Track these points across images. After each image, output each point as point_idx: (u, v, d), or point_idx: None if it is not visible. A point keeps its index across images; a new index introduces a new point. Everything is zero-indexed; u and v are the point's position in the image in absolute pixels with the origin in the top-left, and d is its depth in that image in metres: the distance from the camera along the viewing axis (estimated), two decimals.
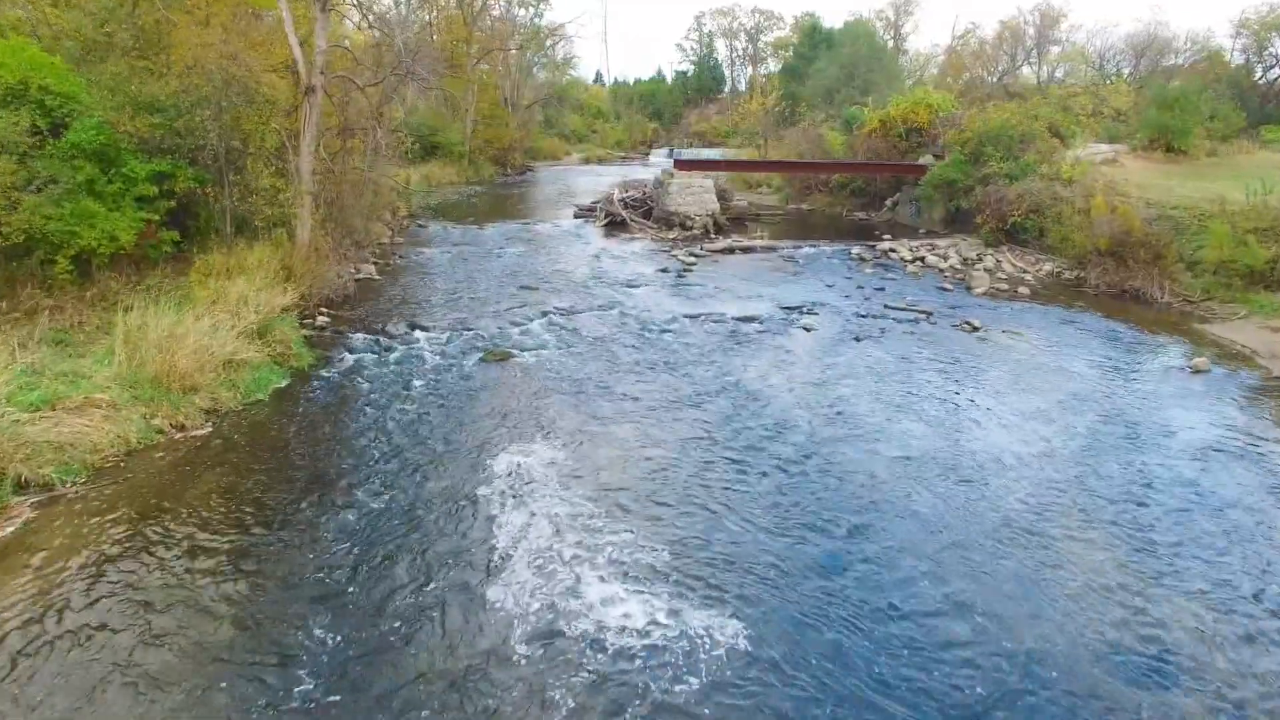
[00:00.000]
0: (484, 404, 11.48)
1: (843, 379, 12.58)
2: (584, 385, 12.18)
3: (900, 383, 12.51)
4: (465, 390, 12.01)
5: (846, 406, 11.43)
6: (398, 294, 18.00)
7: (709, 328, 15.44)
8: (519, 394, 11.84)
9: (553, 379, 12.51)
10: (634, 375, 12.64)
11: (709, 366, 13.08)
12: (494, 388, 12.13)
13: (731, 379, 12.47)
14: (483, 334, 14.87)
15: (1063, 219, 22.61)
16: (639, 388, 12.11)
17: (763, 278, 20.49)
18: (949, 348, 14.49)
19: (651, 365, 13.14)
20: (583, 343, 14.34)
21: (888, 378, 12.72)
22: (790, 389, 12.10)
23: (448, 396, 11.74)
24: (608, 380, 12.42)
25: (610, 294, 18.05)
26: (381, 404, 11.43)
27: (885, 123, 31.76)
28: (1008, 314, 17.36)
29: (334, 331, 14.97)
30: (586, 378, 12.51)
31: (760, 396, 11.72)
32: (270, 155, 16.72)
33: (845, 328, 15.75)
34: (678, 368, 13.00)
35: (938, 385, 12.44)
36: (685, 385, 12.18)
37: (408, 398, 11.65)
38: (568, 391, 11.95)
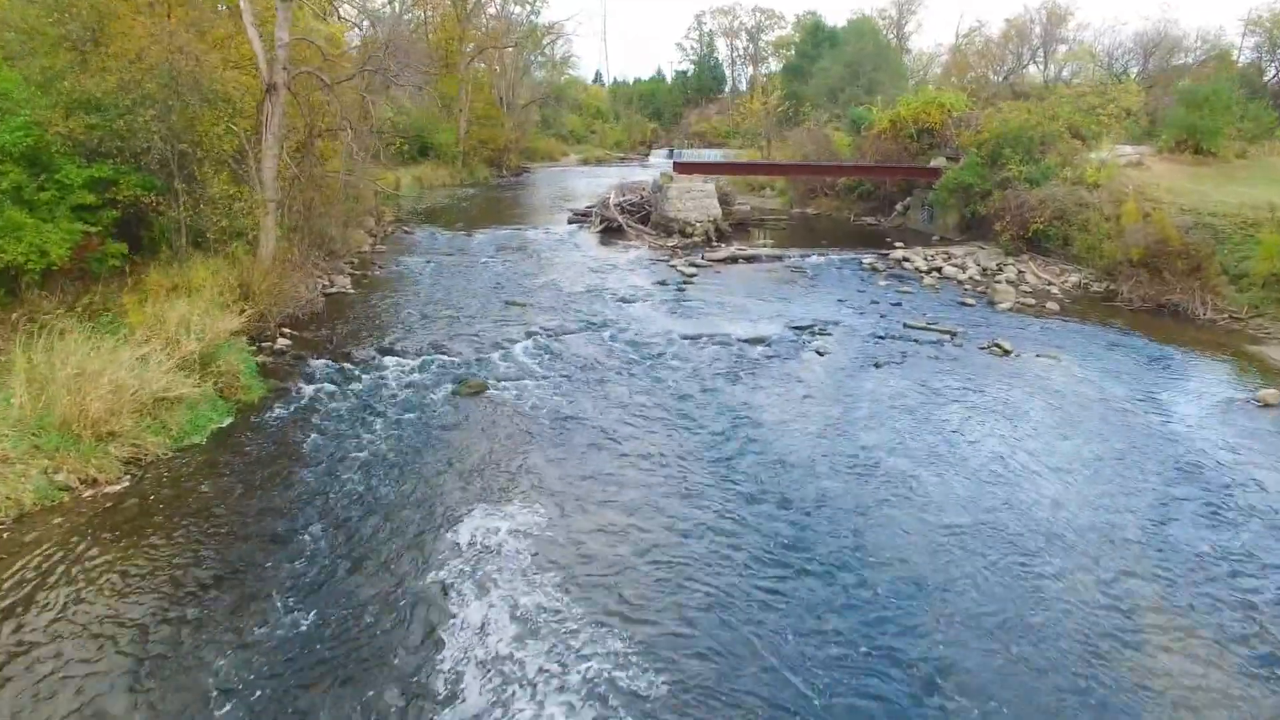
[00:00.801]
0: (452, 451, 9.93)
1: (866, 419, 11.01)
2: (568, 427, 10.64)
3: (930, 422, 10.95)
4: (432, 432, 10.47)
5: (874, 456, 9.83)
6: (371, 311, 16.47)
7: (711, 351, 13.90)
8: (492, 438, 10.30)
9: (532, 418, 10.97)
10: (625, 414, 11.09)
11: (711, 402, 11.53)
12: (465, 429, 10.59)
13: (737, 419, 10.91)
14: (459, 359, 13.34)
15: (1089, 226, 21.10)
16: (631, 430, 10.56)
17: (769, 291, 18.96)
18: (980, 376, 12.95)
19: (646, 401, 11.60)
20: (569, 371, 12.81)
21: (915, 415, 11.17)
22: (806, 432, 10.53)
23: (411, 441, 10.20)
24: (595, 420, 10.87)
25: (603, 311, 16.51)
26: (334, 450, 9.89)
27: (896, 123, 30.22)
28: (1038, 333, 15.83)
29: (294, 357, 13.44)
30: (571, 417, 10.96)
31: (772, 444, 10.14)
32: (228, 160, 15.19)
33: (862, 351, 14.21)
34: (676, 404, 11.46)
35: (973, 425, 10.88)
36: (684, 428, 10.62)
37: (365, 442, 10.11)
38: (548, 435, 10.40)
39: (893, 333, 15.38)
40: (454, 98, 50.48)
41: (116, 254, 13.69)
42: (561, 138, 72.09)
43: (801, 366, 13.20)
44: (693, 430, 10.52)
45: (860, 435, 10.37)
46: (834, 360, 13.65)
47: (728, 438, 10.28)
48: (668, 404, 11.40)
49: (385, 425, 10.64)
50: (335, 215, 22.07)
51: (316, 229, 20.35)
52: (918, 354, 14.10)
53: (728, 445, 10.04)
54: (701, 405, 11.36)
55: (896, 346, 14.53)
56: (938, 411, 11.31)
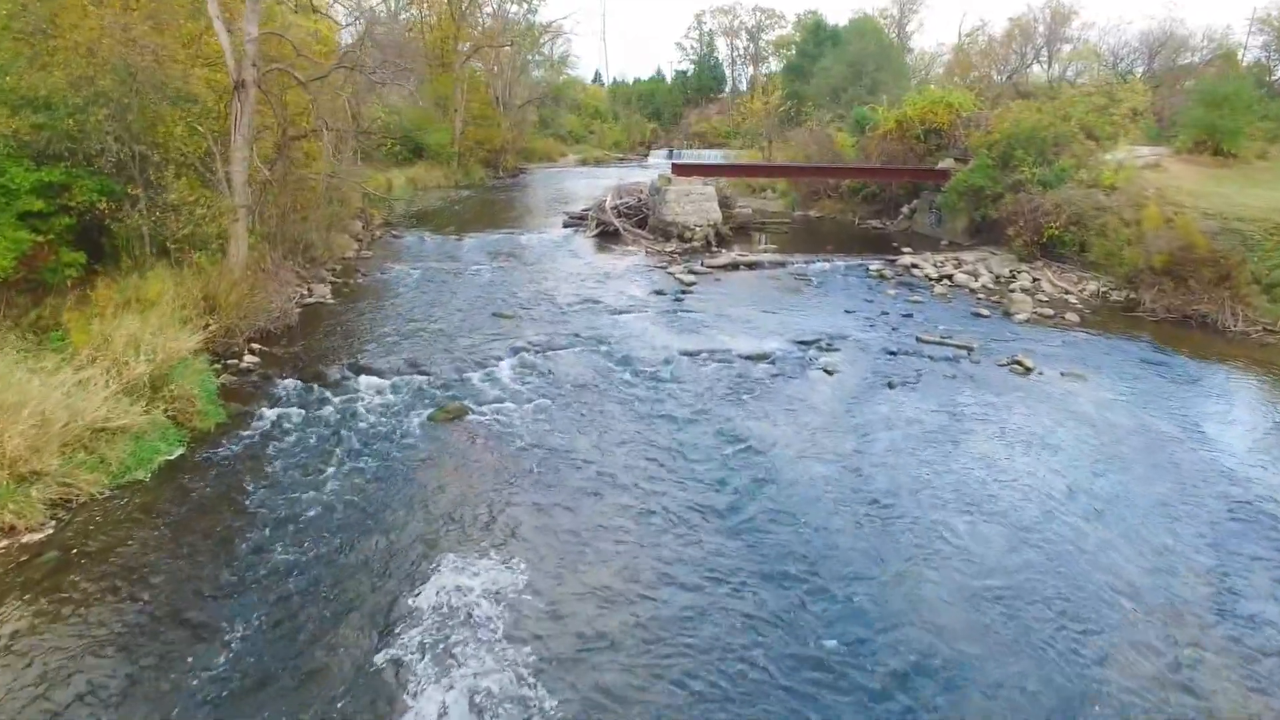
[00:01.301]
0: (421, 491, 8.92)
1: (883, 454, 9.96)
2: (552, 462, 9.62)
3: (953, 457, 9.92)
4: (401, 467, 9.46)
5: (895, 501, 8.77)
6: (348, 323, 15.46)
7: (711, 370, 12.89)
8: (468, 476, 9.29)
9: (514, 451, 9.95)
10: (617, 447, 10.07)
11: (712, 433, 10.50)
12: (438, 464, 9.58)
13: (740, 454, 9.87)
14: (438, 379, 12.33)
15: (1108, 232, 20.10)
16: (623, 467, 9.54)
17: (772, 301, 17.95)
18: (1002, 399, 11.94)
19: (640, 431, 10.58)
20: (557, 394, 11.80)
21: (937, 448, 10.14)
22: (819, 472, 9.47)
23: (377, 478, 9.19)
24: (583, 453, 9.86)
25: (596, 324, 15.50)
26: (290, 489, 8.88)
27: (902, 123, 29.18)
28: (1060, 347, 14.82)
29: (261, 376, 12.44)
30: (556, 450, 9.95)
31: (781, 488, 9.09)
32: (194, 163, 14.18)
33: (873, 369, 13.21)
34: (673, 435, 10.43)
35: (1001, 461, 9.85)
36: (683, 467, 9.56)
37: (326, 479, 9.10)
38: (530, 473, 9.38)
39: (905, 348, 14.37)
40: (449, 97, 49.53)
41: (74, 264, 12.71)
42: (560, 138, 71.07)
43: (809, 388, 12.19)
44: (692, 470, 9.48)
45: (878, 475, 9.30)
46: (844, 380, 12.65)
47: (730, 480, 9.21)
48: (664, 435, 10.38)
49: (351, 458, 9.63)
50: (318, 220, 21.08)
51: (295, 235, 19.36)
52: (933, 372, 13.10)
53: (730, 489, 8.98)
54: (701, 437, 10.33)
55: (910, 363, 13.53)
56: (961, 444, 10.28)
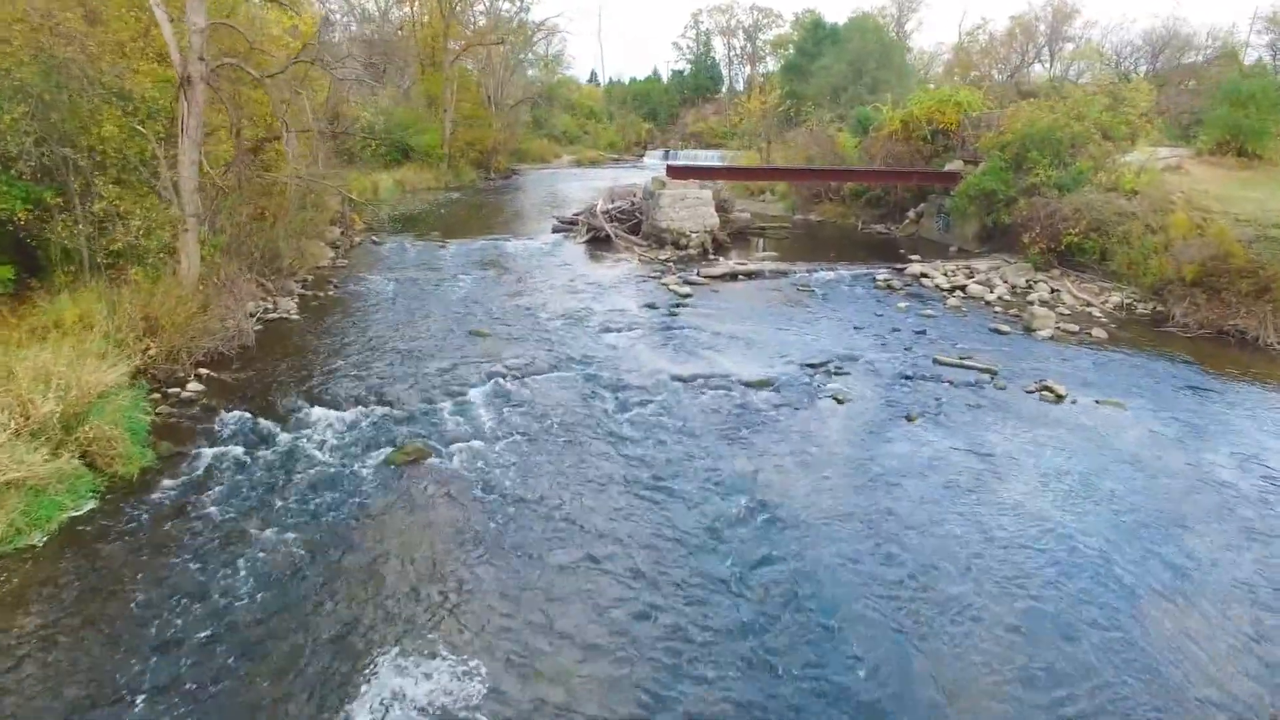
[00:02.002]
0: (369, 557, 7.57)
1: (910, 509, 8.57)
2: (523, 519, 8.28)
3: (991, 511, 8.57)
4: (349, 525, 8.11)
5: (926, 569, 7.37)
6: (311, 343, 14.10)
7: (708, 400, 11.55)
8: (425, 536, 7.94)
9: (480, 503, 8.61)
10: (599, 498, 8.73)
11: (708, 480, 9.15)
12: (392, 520, 8.22)
13: (742, 508, 8.53)
14: (402, 411, 10.98)
15: (1131, 239, 18.83)
16: (606, 524, 8.19)
17: (773, 316, 16.62)
18: (1036, 434, 10.62)
19: (626, 477, 9.23)
20: (533, 429, 10.44)
21: (970, 500, 8.80)
22: (833, 531, 8.11)
23: (321, 540, 7.83)
24: (560, 506, 8.51)
25: (581, 343, 14.16)
26: (218, 552, 7.53)
27: (908, 123, 27.90)
28: (1090, 369, 13.52)
29: (204, 407, 11.08)
30: (529, 502, 8.60)
31: (791, 552, 7.71)
32: (136, 167, 12.81)
33: (888, 397, 11.89)
34: (665, 482, 9.08)
35: (1049, 515, 8.50)
36: (675, 525, 8.23)
37: (261, 541, 7.75)
38: (497, 533, 8.03)
39: (922, 371, 13.06)
40: (439, 97, 48.20)
41: None
42: (554, 138, 69.76)
43: (818, 422, 10.85)
44: (686, 528, 8.14)
45: (908, 544, 7.90)
46: (856, 410, 11.32)
47: (730, 541, 7.86)
48: (655, 485, 9.02)
49: (291, 513, 8.27)
50: (289, 227, 19.72)
51: (262, 244, 18.00)
52: (955, 401, 11.78)
53: (731, 554, 7.64)
54: (697, 488, 8.97)
55: (928, 390, 12.21)
56: (998, 496, 8.93)
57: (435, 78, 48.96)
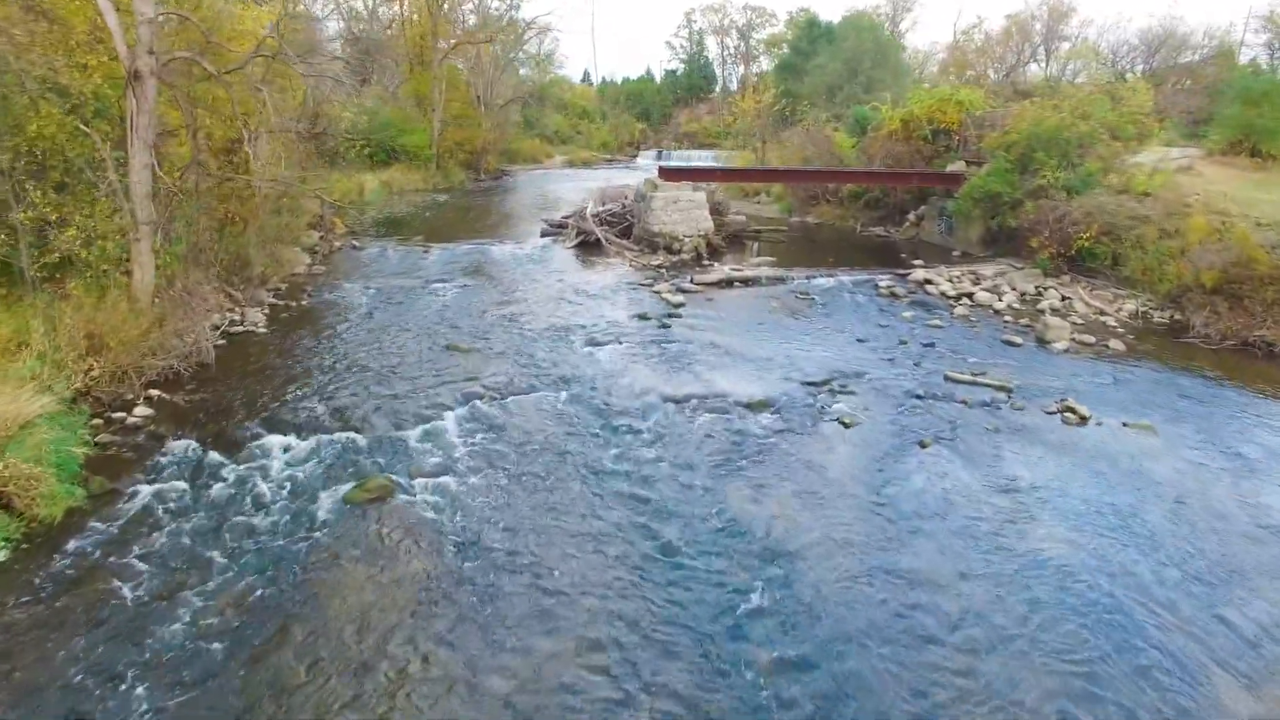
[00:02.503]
0: (316, 623, 6.58)
1: (930, 560, 7.57)
2: (492, 572, 7.30)
3: (1022, 560, 7.61)
4: (296, 581, 7.12)
5: (965, 653, 6.30)
6: (275, 360, 13.10)
7: (703, 424, 10.60)
8: (381, 597, 6.95)
9: (444, 553, 7.63)
10: (582, 543, 7.77)
11: (705, 520, 8.19)
12: (344, 577, 7.24)
13: (743, 555, 7.57)
14: (368, 438, 10.00)
15: (1145, 244, 17.97)
16: (589, 579, 7.22)
17: (772, 327, 15.69)
18: (1062, 463, 9.71)
19: (613, 516, 8.27)
20: (510, 462, 9.47)
21: (996, 545, 7.85)
22: (849, 585, 7.17)
23: (259, 600, 6.85)
24: (535, 558, 7.54)
25: (567, 359, 13.19)
26: (142, 618, 6.55)
27: (908, 123, 27.02)
28: (1111, 386, 12.63)
29: (151, 435, 10.07)
30: (503, 552, 7.63)
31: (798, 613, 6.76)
32: (82, 171, 11.80)
33: (898, 419, 10.96)
34: (655, 524, 8.11)
35: (1089, 563, 7.54)
36: (667, 580, 7.22)
37: (193, 603, 6.76)
38: (462, 588, 7.06)
39: (933, 389, 12.14)
40: (427, 96, 47.19)
41: None
42: (546, 138, 68.77)
43: (824, 449, 9.90)
44: (680, 594, 7.11)
45: (932, 602, 6.89)
46: (865, 436, 10.38)
47: (730, 614, 6.87)
48: (643, 529, 8.06)
49: (229, 568, 7.28)
50: (264, 232, 18.71)
51: (231, 251, 16.99)
52: (970, 424, 10.85)
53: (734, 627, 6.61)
54: (691, 531, 8.01)
55: (941, 411, 11.28)
56: (1025, 539, 7.99)
57: (423, 77, 47.98)
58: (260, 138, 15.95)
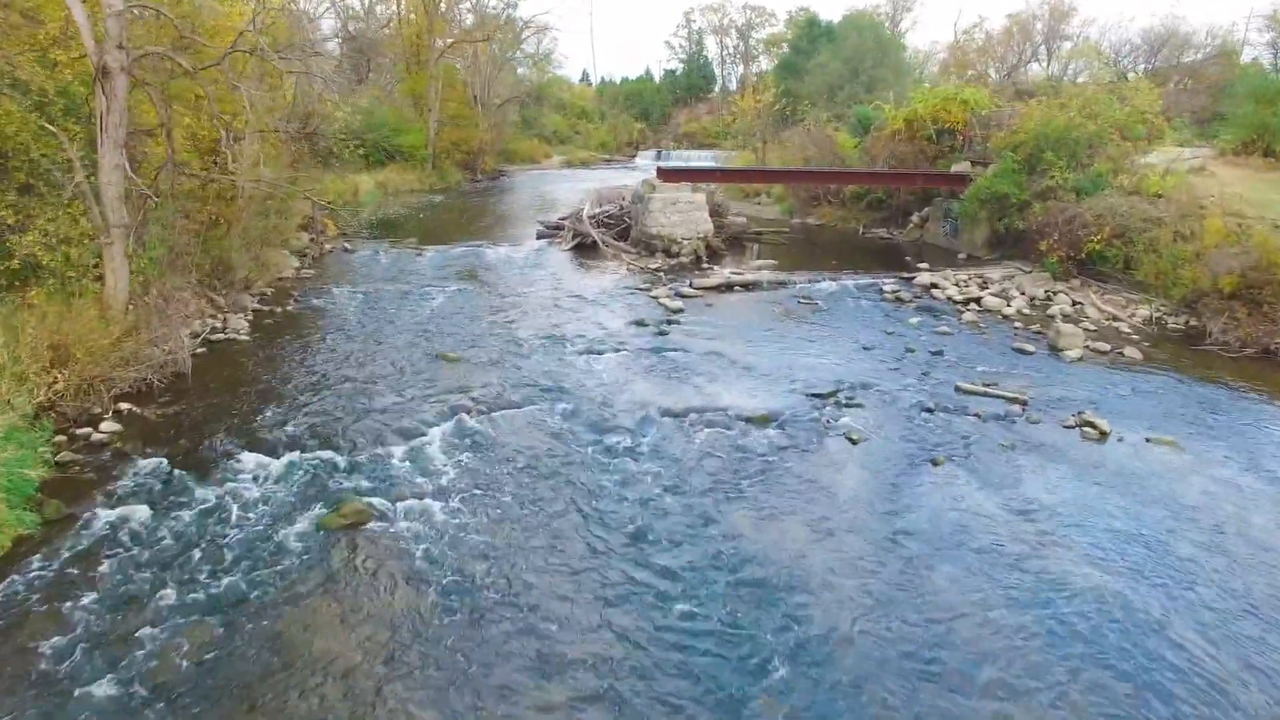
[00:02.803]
0: (278, 669, 6.00)
1: (947, 592, 7.01)
2: (473, 610, 6.72)
3: (1051, 592, 7.01)
4: (258, 621, 6.53)
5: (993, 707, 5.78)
6: (255, 370, 12.52)
7: (702, 440, 10.03)
8: (352, 638, 6.36)
9: (424, 592, 7.03)
10: (572, 577, 7.19)
11: (705, 550, 7.60)
12: (313, 615, 6.65)
13: (746, 591, 6.99)
14: (347, 457, 9.42)
15: (1158, 247, 17.40)
16: (578, 619, 6.64)
17: (774, 333, 15.11)
18: (1084, 483, 9.13)
19: (606, 545, 7.70)
20: (497, 483, 8.89)
21: (1021, 578, 7.24)
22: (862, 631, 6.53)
23: (218, 642, 6.26)
24: (521, 593, 6.96)
25: (560, 369, 12.62)
26: (86, 666, 5.96)
27: (912, 123, 26.45)
28: (1129, 397, 12.06)
29: (117, 452, 9.50)
30: (483, 587, 7.04)
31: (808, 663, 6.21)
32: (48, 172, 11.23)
33: (909, 434, 10.38)
34: (652, 555, 7.53)
35: (1124, 598, 6.94)
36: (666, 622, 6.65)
37: (140, 647, 6.18)
38: (440, 629, 6.48)
39: (943, 401, 11.56)
40: (423, 96, 46.62)
41: None
42: (544, 139, 68.20)
43: (831, 468, 9.33)
44: (679, 624, 6.58)
45: (952, 646, 6.27)
46: (873, 453, 9.80)
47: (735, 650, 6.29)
48: (640, 560, 7.48)
49: (189, 605, 6.69)
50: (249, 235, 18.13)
51: (214, 255, 16.41)
52: (984, 439, 10.28)
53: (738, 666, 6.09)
54: (691, 563, 7.41)
55: (953, 426, 10.71)
56: (1050, 570, 7.39)
57: (419, 76, 47.40)
58: (244, 137, 15.36)
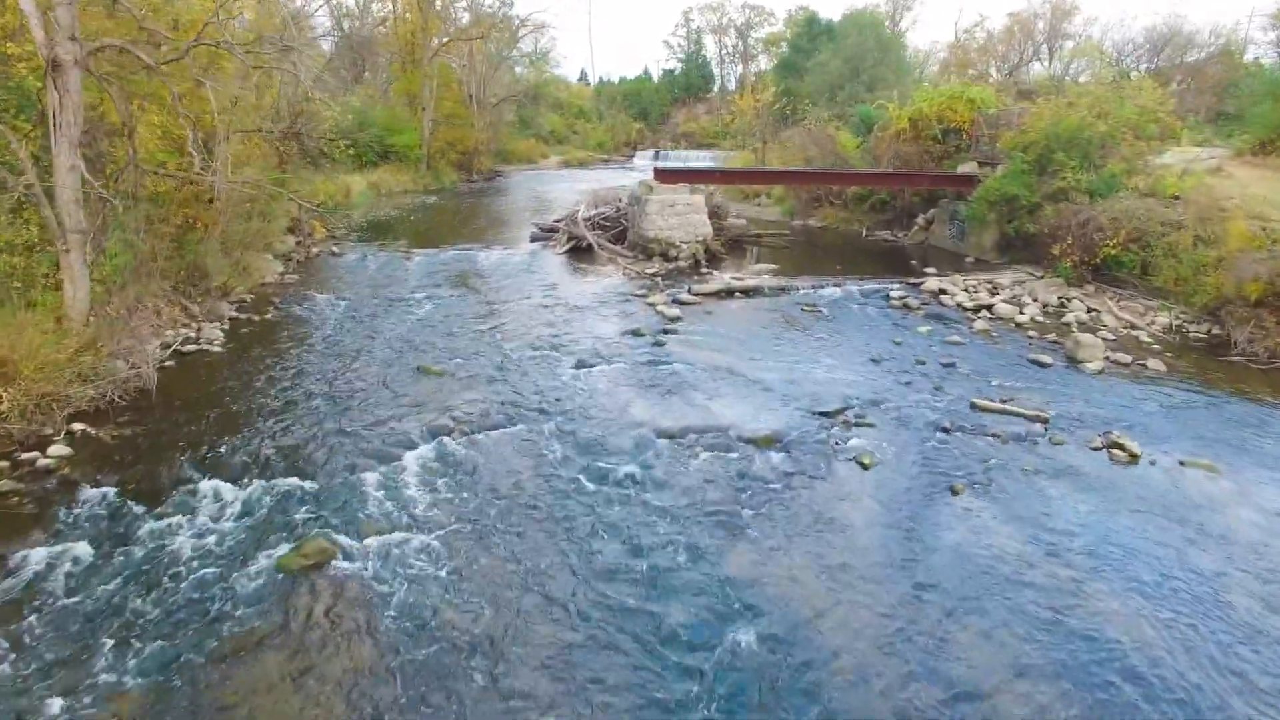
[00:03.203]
0: None
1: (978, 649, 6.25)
2: (447, 667, 5.95)
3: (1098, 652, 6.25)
4: (197, 686, 5.76)
5: None
6: (226, 385, 11.74)
7: (701, 465, 9.26)
8: (303, 705, 5.61)
9: (389, 638, 6.28)
10: (555, 627, 6.42)
11: (704, 597, 6.82)
12: (262, 673, 5.87)
13: (750, 643, 6.23)
14: (315, 484, 8.64)
15: (1178, 251, 16.66)
16: (565, 670, 5.89)
17: (777, 343, 14.35)
18: (1118, 515, 8.37)
19: (594, 593, 6.91)
20: (475, 514, 8.12)
21: (1062, 635, 6.47)
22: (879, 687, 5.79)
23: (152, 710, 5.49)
24: (500, 646, 6.20)
25: (550, 384, 11.85)
26: None
27: (916, 122, 25.70)
28: (1157, 414, 11.30)
29: (63, 481, 8.72)
30: (456, 646, 6.26)
31: None
32: None
33: (924, 458, 9.61)
34: (645, 603, 6.74)
35: (1171, 658, 6.21)
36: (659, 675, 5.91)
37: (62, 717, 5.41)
38: (407, 693, 5.71)
39: (959, 419, 10.79)
40: (418, 95, 45.83)
41: None
42: (541, 138, 67.45)
43: (841, 499, 8.56)
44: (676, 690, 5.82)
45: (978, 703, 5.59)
46: (886, 480, 9.04)
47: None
48: (631, 606, 6.70)
49: (124, 663, 5.92)
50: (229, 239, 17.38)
51: (189, 260, 15.64)
52: (1006, 463, 9.51)
53: None
54: (688, 615, 6.62)
55: (971, 447, 9.95)
56: (1086, 617, 6.64)
57: (414, 75, 46.60)
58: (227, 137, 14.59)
